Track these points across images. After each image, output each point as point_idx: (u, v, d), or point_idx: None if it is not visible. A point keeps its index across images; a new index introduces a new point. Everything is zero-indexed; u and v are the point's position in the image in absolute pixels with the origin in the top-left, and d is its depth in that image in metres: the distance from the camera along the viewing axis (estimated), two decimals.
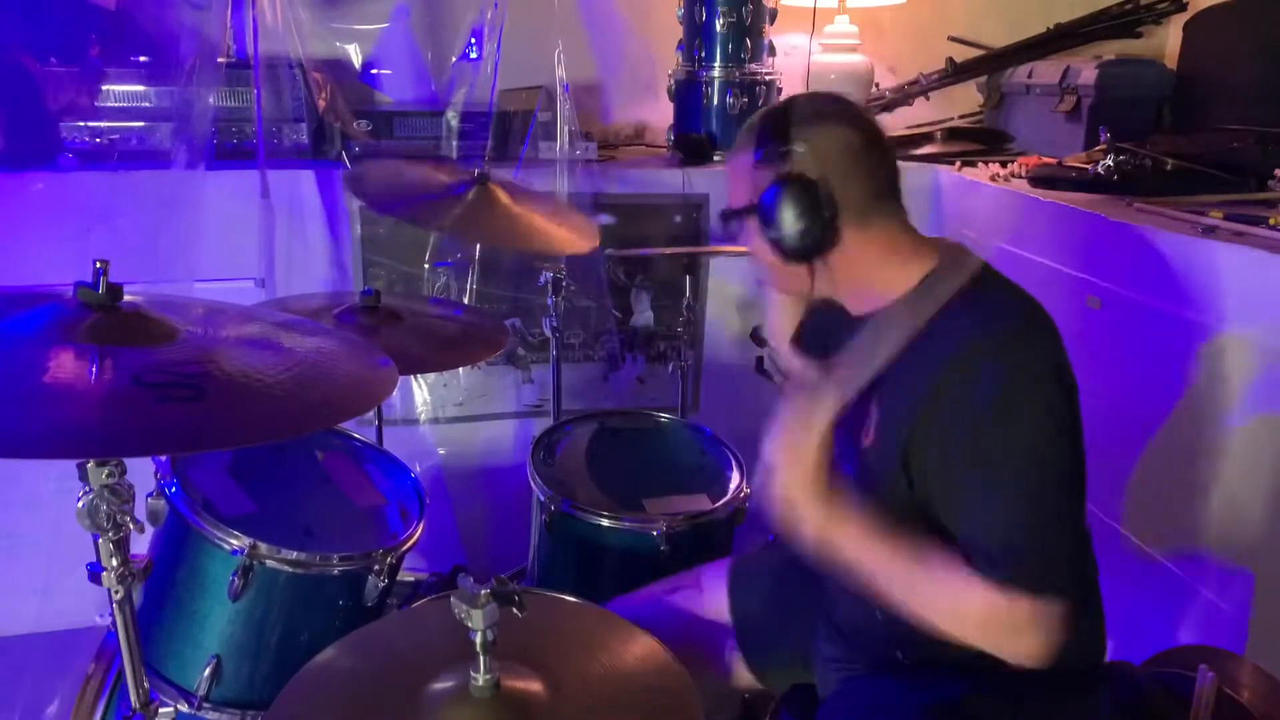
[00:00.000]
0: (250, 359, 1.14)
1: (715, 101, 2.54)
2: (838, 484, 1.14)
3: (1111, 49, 2.78)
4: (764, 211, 1.18)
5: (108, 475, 1.02)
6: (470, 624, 1.00)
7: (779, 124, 1.20)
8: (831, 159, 1.18)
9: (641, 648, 1.18)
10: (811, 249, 1.18)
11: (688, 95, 2.60)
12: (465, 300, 2.42)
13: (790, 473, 1.13)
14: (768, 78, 2.57)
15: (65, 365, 1.03)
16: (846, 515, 1.13)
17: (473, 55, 2.42)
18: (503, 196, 1.92)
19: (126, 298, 1.13)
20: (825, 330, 1.37)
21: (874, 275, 1.22)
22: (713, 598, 1.49)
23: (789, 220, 1.16)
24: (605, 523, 1.69)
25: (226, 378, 1.08)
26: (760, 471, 1.17)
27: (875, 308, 1.23)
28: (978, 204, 2.31)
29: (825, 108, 1.24)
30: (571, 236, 1.96)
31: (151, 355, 1.08)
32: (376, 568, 1.49)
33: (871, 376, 1.20)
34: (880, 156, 1.22)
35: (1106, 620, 1.26)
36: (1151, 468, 1.80)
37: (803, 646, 1.40)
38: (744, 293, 2.59)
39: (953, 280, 1.19)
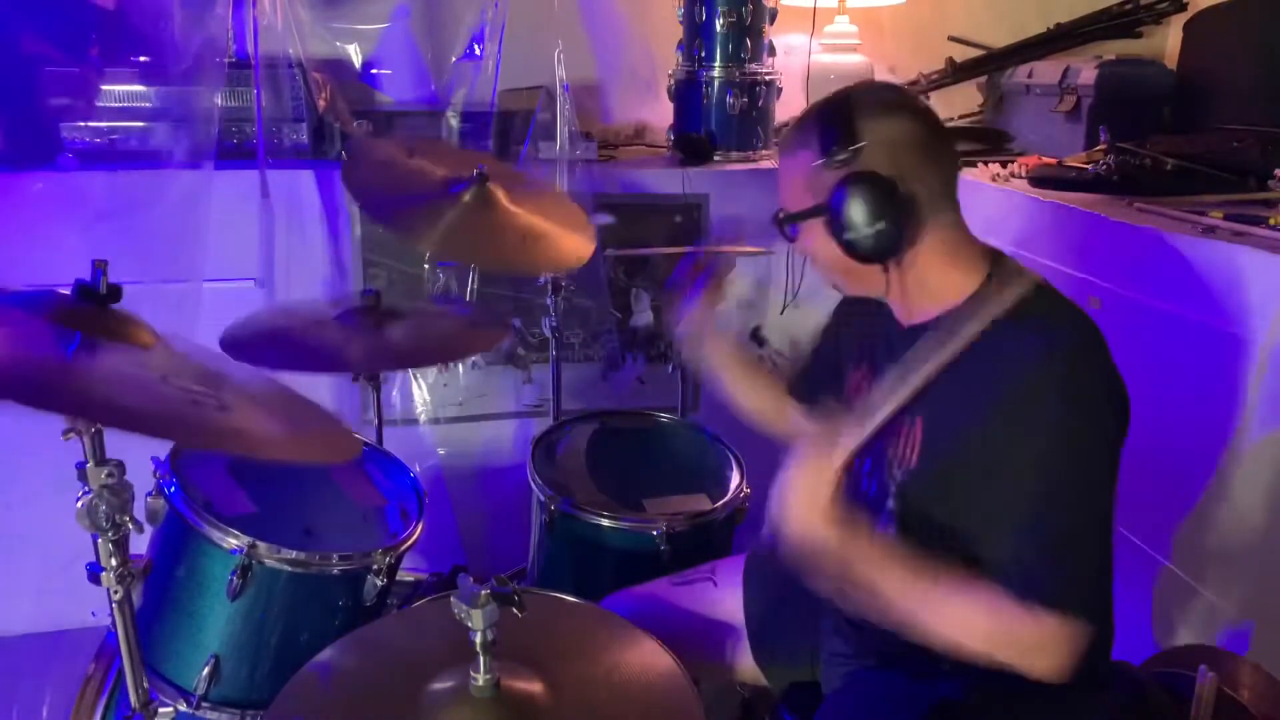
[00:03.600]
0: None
1: (715, 101, 2.54)
2: (852, 515, 1.11)
3: (1111, 49, 2.78)
4: (836, 212, 1.13)
5: (107, 475, 1.03)
6: (470, 624, 1.00)
7: (843, 117, 1.14)
8: (902, 153, 1.13)
9: (641, 648, 1.18)
10: (889, 249, 1.13)
11: (688, 95, 2.60)
12: (465, 300, 2.42)
13: (805, 512, 1.10)
14: (768, 78, 2.57)
15: None
16: (862, 545, 1.10)
17: (476, 53, 2.42)
18: (502, 198, 1.90)
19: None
20: (867, 339, 1.35)
21: (933, 280, 1.18)
22: (727, 591, 1.48)
23: (865, 219, 1.11)
24: (605, 523, 1.68)
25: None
26: (774, 510, 1.14)
27: (927, 317, 1.20)
28: (978, 204, 2.30)
29: (888, 98, 1.19)
30: (567, 247, 1.93)
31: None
32: (376, 567, 1.49)
33: (914, 393, 1.16)
34: (944, 150, 1.19)
35: None
36: (1152, 467, 1.80)
37: (810, 641, 1.39)
38: (744, 293, 2.59)
39: (1006, 294, 1.15)
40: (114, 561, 1.07)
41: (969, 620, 1.08)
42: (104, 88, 2.19)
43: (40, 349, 1.00)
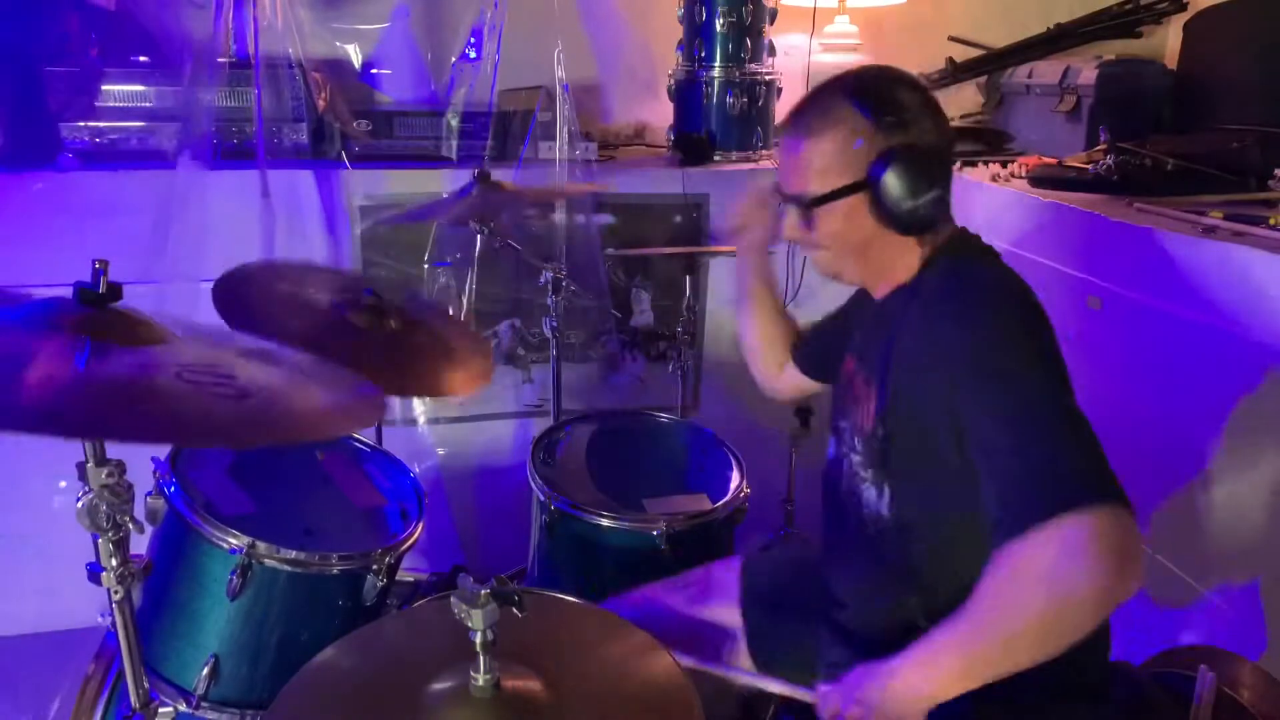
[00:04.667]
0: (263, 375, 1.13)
1: (715, 101, 2.54)
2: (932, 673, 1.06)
3: (1111, 49, 2.78)
4: (885, 182, 1.12)
5: (107, 475, 1.02)
6: (470, 624, 1.00)
7: (879, 91, 1.15)
8: (936, 126, 1.16)
9: (641, 648, 1.18)
10: (937, 217, 1.14)
11: (688, 95, 2.60)
12: (464, 299, 2.42)
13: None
14: (768, 78, 2.57)
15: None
16: (951, 665, 1.04)
17: (472, 55, 2.42)
18: (506, 187, 1.90)
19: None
20: (859, 326, 1.37)
21: (905, 253, 1.21)
22: (722, 596, 1.48)
23: (922, 189, 1.12)
24: (605, 523, 1.69)
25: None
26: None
27: (887, 291, 1.23)
28: (978, 204, 2.31)
29: (901, 75, 1.20)
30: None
31: (168, 355, 1.06)
32: (375, 567, 1.49)
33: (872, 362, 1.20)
34: (948, 125, 1.21)
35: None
36: (1151, 467, 1.80)
37: (809, 648, 1.39)
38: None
39: (948, 260, 1.19)
40: (114, 561, 1.07)
41: (1035, 616, 0.98)
42: (104, 88, 2.19)
43: (48, 363, 0.97)
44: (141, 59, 2.24)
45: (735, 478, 1.84)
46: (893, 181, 1.12)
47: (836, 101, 1.17)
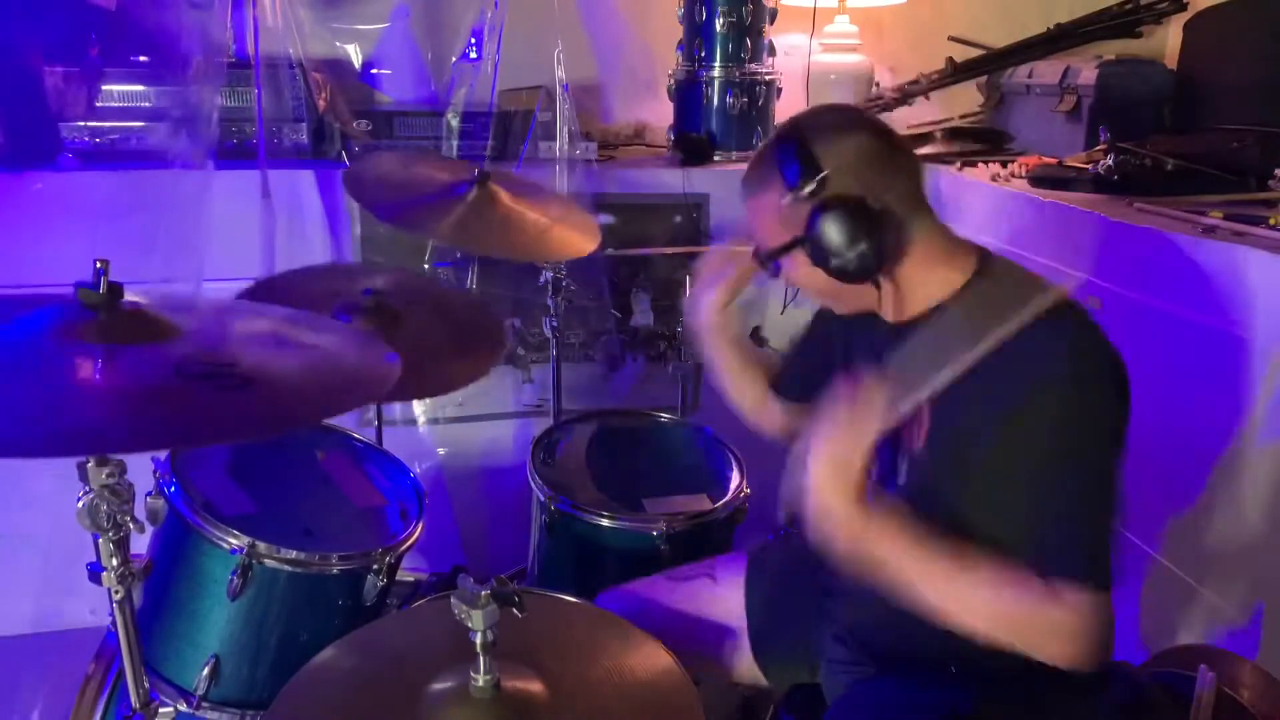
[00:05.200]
0: (270, 355, 1.13)
1: (715, 101, 2.54)
2: (874, 493, 1.11)
3: (1111, 49, 2.78)
4: (816, 241, 1.13)
5: (108, 475, 1.02)
6: (470, 624, 1.00)
7: (799, 148, 1.15)
8: (864, 170, 1.14)
9: (641, 648, 1.18)
10: (875, 265, 1.14)
11: (688, 95, 2.60)
12: None
13: (831, 485, 1.08)
14: (768, 78, 2.57)
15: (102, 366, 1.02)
16: (885, 524, 1.09)
17: (473, 55, 2.42)
18: (504, 197, 1.91)
19: (129, 297, 1.12)
20: (852, 340, 1.35)
21: (919, 279, 1.19)
22: (727, 589, 1.48)
23: (846, 243, 1.12)
24: (605, 523, 1.69)
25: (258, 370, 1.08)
26: (795, 481, 1.12)
27: (918, 312, 1.21)
28: (978, 204, 2.31)
29: (837, 119, 1.20)
30: (573, 238, 1.95)
31: (174, 350, 1.06)
32: (376, 567, 1.49)
33: (932, 387, 1.17)
34: (905, 158, 1.20)
35: None
36: (1152, 468, 1.80)
37: (810, 644, 1.39)
38: (744, 293, 2.58)
39: (1022, 298, 1.14)
40: (115, 561, 1.07)
41: (992, 605, 1.07)
42: (104, 88, 2.19)
43: (61, 375, 0.99)
44: (142, 59, 2.24)
45: (735, 478, 1.84)
46: (822, 238, 1.13)
47: (769, 160, 1.19)
